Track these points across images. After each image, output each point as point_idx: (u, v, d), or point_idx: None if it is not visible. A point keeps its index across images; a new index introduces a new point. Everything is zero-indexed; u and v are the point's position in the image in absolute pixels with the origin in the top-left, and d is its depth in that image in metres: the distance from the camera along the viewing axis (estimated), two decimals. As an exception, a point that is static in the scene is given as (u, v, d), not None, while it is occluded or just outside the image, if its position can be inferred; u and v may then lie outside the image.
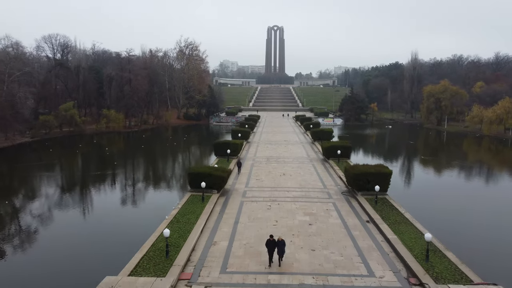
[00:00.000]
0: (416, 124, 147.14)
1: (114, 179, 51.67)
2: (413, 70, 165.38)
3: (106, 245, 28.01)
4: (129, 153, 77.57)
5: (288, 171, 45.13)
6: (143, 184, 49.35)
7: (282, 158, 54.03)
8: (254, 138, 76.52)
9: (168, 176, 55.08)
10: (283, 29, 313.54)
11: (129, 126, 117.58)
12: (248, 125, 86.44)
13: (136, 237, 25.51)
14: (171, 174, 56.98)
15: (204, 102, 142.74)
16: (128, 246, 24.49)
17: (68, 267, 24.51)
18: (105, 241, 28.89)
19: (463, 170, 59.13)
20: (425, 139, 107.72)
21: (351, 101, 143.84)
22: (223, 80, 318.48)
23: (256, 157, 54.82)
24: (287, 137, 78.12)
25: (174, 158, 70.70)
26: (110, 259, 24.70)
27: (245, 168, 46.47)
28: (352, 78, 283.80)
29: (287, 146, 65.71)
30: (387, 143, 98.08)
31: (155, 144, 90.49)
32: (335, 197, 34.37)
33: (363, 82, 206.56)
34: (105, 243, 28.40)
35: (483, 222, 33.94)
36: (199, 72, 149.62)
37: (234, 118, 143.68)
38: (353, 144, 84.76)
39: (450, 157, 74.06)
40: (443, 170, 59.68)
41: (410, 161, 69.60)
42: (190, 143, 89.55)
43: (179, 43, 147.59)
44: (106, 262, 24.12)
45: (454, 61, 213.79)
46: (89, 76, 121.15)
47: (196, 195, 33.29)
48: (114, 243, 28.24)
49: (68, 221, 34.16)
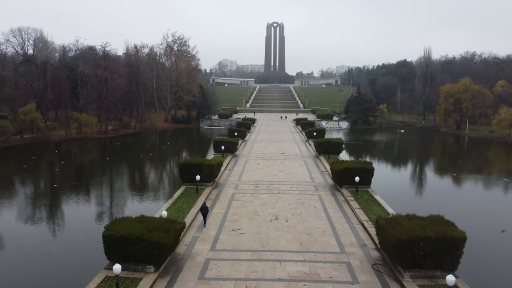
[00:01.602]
0: (430, 128, 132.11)
1: (36, 213, 36.75)
2: (426, 68, 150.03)
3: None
4: (83, 169, 62.46)
5: (283, 210, 30.16)
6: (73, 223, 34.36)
7: (276, 183, 39.03)
8: (243, 150, 61.45)
9: (112, 210, 40.08)
10: (283, 26, 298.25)
11: (105, 131, 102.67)
12: (239, 132, 71.52)
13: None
14: (120, 206, 41.95)
15: (194, 103, 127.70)
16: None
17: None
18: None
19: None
20: (448, 148, 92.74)
21: (358, 102, 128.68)
22: (220, 80, 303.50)
23: (241, 181, 39.80)
24: (285, 148, 63.03)
25: (132, 181, 55.45)
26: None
27: (220, 205, 31.52)
28: (356, 77, 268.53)
29: (284, 162, 50.61)
30: (410, 155, 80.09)
31: (125, 155, 75.68)
32: (364, 278, 19.36)
33: (369, 81, 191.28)
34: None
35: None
36: (188, 70, 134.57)
37: (227, 121, 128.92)
38: (366, 155, 69.09)
39: (494, 172, 59.64)
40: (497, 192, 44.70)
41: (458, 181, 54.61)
42: (166, 156, 74.44)
43: (166, 38, 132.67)
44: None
45: (466, 58, 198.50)
46: (62, 74, 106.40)
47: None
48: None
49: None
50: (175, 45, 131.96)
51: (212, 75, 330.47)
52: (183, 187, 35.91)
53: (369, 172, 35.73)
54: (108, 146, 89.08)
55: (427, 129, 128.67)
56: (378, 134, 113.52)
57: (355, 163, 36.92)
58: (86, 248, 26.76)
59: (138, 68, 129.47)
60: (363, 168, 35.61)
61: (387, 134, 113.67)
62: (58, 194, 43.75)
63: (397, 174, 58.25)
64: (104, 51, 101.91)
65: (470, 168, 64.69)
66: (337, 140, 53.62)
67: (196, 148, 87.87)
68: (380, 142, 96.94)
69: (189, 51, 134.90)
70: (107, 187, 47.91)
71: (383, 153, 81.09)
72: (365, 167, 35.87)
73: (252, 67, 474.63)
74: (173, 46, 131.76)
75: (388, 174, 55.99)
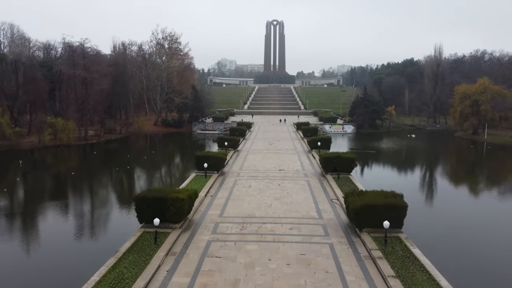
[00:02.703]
0: (442, 132, 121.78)
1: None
2: (437, 67, 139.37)
3: None
4: (31, 191, 52.12)
5: (279, 279, 19.79)
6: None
7: (271, 220, 28.67)
8: (233, 165, 51.01)
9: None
10: (283, 23, 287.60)
11: (85, 137, 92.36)
12: (230, 141, 61.10)
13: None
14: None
15: (186, 105, 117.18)
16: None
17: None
18: None
19: None
20: (474, 156, 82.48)
21: (365, 104, 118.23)
22: (218, 80, 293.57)
23: (223, 218, 29.39)
24: (284, 162, 52.60)
25: (78, 217, 44.66)
26: None
27: (185, 269, 21.09)
28: (359, 77, 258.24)
29: (282, 184, 40.21)
30: (439, 172, 65.78)
31: (96, 168, 65.41)
32: None
33: (374, 81, 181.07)
34: None
35: None
36: (180, 69, 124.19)
37: (222, 125, 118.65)
38: (379, 167, 59.16)
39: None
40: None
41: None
42: (143, 170, 64.01)
43: (156, 35, 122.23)
44: None
45: (476, 57, 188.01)
46: (38, 74, 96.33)
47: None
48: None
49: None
50: (165, 43, 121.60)
51: (210, 75, 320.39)
52: (139, 232, 25.49)
53: (401, 211, 25.35)
54: (82, 155, 78.94)
55: (440, 134, 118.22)
56: (388, 139, 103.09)
57: (380, 197, 26.41)
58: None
59: (125, 67, 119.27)
60: (392, 205, 25.17)
61: (397, 139, 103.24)
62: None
63: (433, 208, 42.53)
64: (83, 48, 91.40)
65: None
66: (348, 156, 43.06)
67: (183, 158, 77.58)
68: (394, 151, 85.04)
69: (180, 48, 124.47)
70: (44, 224, 37.43)
71: (405, 168, 66.59)
72: (394, 203, 25.44)
73: (252, 67, 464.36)
74: (163, 43, 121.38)
75: (421, 207, 40.38)
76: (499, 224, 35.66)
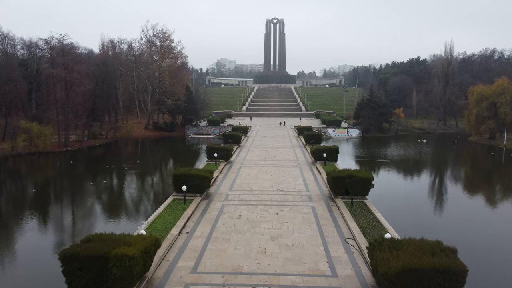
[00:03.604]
0: (455, 136, 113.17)
1: None
2: (448, 66, 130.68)
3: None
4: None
5: None
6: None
7: (264, 277, 20.27)
8: (222, 183, 42.36)
9: None
10: (283, 22, 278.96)
11: (65, 143, 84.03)
12: (221, 152, 52.61)
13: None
14: None
15: (178, 107, 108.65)
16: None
17: None
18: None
19: None
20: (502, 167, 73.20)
21: (371, 106, 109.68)
22: (216, 80, 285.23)
23: (198, 276, 20.77)
24: (284, 179, 44.00)
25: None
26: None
27: None
28: (362, 77, 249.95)
29: (282, 211, 31.72)
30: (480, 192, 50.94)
31: (66, 182, 57.01)
32: None
33: (379, 81, 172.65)
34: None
35: None
36: (173, 69, 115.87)
37: (217, 129, 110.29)
38: (397, 183, 51.26)
39: None
40: None
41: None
42: (116, 189, 55.70)
43: (146, 32, 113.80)
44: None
45: (485, 56, 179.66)
46: (14, 74, 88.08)
47: None
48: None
49: None
50: (156, 40, 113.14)
51: (209, 74, 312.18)
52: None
53: (458, 277, 16.89)
54: (55, 165, 70.57)
55: (452, 138, 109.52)
56: (397, 145, 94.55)
57: (423, 253, 17.86)
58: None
59: (113, 66, 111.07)
60: (444, 268, 16.73)
61: (407, 145, 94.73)
62: None
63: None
64: (62, 45, 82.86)
65: None
66: (363, 175, 34.34)
67: (167, 170, 69.00)
68: (409, 160, 74.42)
69: (173, 46, 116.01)
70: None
71: (430, 186, 55.37)
72: (447, 265, 16.93)
73: (252, 67, 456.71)
74: (154, 41, 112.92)
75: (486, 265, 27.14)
76: None
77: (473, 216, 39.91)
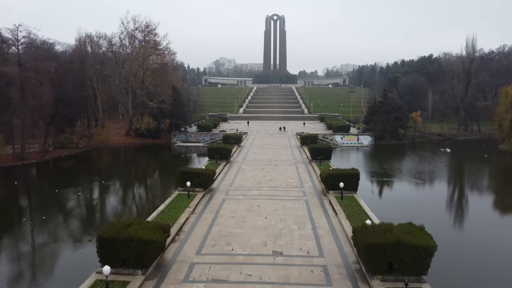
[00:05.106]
0: (480, 143, 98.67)
1: None
2: (469, 64, 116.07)
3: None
4: None
5: None
6: None
7: None
8: (195, 229, 28.06)
9: None
10: (284, 18, 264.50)
11: (21, 156, 69.94)
12: (198, 177, 38.00)
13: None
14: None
15: (162, 111, 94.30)
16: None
17: None
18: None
19: None
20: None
21: (385, 110, 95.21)
22: (213, 79, 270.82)
23: None
24: (285, 221, 29.63)
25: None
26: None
27: None
28: (368, 76, 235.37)
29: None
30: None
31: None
32: None
33: (389, 81, 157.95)
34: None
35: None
36: (156, 67, 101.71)
37: (208, 135, 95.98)
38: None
39: None
40: None
41: None
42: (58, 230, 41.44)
43: (126, 24, 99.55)
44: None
45: (504, 53, 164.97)
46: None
47: None
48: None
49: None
50: (138, 33, 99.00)
51: (206, 74, 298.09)
52: None
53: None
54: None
55: (478, 146, 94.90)
56: (418, 155, 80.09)
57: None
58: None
59: (89, 64, 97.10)
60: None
61: (430, 155, 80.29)
62: None
63: None
64: (17, 39, 68.70)
65: None
66: (412, 231, 20.00)
67: (138, 197, 54.28)
68: (446, 181, 58.20)
69: (157, 41, 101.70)
70: None
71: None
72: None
73: (252, 66, 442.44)
74: (135, 34, 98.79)
75: None
76: None
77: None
